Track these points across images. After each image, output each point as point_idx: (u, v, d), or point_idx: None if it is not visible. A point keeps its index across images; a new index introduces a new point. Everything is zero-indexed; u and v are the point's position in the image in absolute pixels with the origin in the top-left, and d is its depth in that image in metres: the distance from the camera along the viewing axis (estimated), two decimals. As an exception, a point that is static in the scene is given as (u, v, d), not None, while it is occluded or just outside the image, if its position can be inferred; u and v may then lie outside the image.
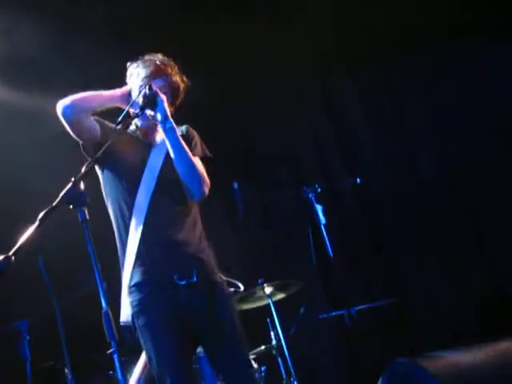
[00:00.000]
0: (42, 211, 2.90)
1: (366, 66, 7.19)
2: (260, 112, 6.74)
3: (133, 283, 3.55)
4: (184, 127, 3.88)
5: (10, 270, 2.86)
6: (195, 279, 3.52)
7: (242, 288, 4.86)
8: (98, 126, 3.52)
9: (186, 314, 3.53)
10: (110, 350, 2.81)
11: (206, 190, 3.59)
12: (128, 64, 3.84)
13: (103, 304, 2.98)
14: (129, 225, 3.63)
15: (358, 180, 5.33)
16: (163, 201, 3.66)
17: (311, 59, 7.31)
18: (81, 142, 3.53)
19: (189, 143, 3.74)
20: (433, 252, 6.72)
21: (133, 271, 3.58)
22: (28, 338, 5.16)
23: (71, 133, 3.53)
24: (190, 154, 3.58)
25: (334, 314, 5.55)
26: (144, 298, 3.53)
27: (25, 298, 5.75)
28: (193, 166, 3.51)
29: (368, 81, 7.27)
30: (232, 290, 4.26)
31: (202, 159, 3.78)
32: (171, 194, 3.69)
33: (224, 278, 3.74)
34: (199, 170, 3.57)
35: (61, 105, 3.50)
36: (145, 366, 4.60)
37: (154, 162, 3.71)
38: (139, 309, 3.52)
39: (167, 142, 3.60)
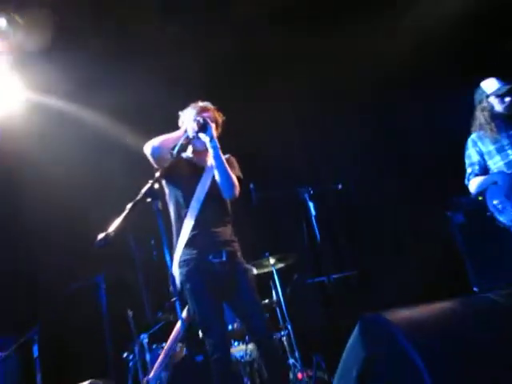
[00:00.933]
0: (129, 203, 3.19)
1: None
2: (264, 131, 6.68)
3: (182, 259, 3.71)
4: (227, 155, 4.01)
5: (109, 244, 3.06)
6: (224, 259, 3.71)
7: (254, 271, 5.01)
8: (167, 159, 3.66)
9: (217, 281, 3.67)
10: (174, 299, 3.20)
11: (237, 192, 3.76)
12: (179, 113, 4.04)
13: (171, 268, 3.40)
14: (183, 221, 3.77)
15: (340, 185, 5.27)
16: (208, 208, 3.80)
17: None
18: (155, 166, 3.67)
19: (229, 165, 3.87)
20: (388, 235, 6.58)
21: (183, 251, 3.73)
22: (104, 287, 5.24)
23: (152, 162, 3.74)
24: (227, 165, 3.69)
25: (317, 279, 5.66)
26: (190, 270, 3.68)
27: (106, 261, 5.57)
28: (228, 174, 3.70)
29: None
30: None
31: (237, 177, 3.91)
32: (214, 204, 3.83)
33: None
34: (232, 178, 3.70)
35: (149, 146, 3.72)
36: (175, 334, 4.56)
37: (205, 181, 3.86)
38: (186, 277, 3.68)
39: (212, 155, 3.72)
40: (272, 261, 5.29)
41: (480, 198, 4.91)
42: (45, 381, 5.22)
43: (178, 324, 4.31)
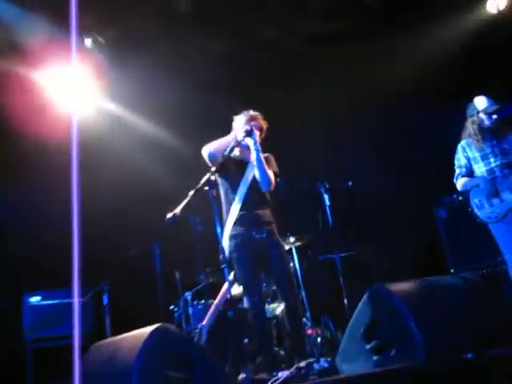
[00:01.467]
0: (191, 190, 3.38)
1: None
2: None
3: (231, 234, 3.82)
4: (267, 154, 4.10)
5: (176, 222, 3.29)
6: (264, 235, 3.83)
7: (286, 247, 4.99)
8: (220, 159, 3.75)
9: (258, 252, 3.79)
10: (224, 265, 3.33)
11: (272, 187, 3.85)
12: (234, 117, 4.11)
13: (221, 241, 3.55)
14: (232, 205, 3.90)
15: (350, 183, 5.33)
16: (251, 195, 3.92)
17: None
18: (210, 164, 3.77)
19: (268, 162, 3.98)
20: (386, 224, 6.44)
21: (232, 228, 3.85)
22: (159, 253, 5.36)
23: (207, 162, 3.86)
24: (265, 164, 3.80)
25: (327, 256, 5.55)
26: (237, 243, 3.80)
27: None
28: (265, 172, 3.81)
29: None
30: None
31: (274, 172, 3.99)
32: (256, 193, 3.93)
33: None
34: (268, 175, 3.82)
35: (206, 150, 3.87)
36: (223, 293, 4.68)
37: (248, 174, 4.00)
38: (234, 248, 3.81)
39: (254, 156, 3.83)
40: (292, 239, 5.21)
41: (460, 199, 4.96)
42: (112, 323, 5.32)
43: (226, 285, 4.38)
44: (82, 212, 3.42)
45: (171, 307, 5.45)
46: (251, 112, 4.07)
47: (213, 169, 3.54)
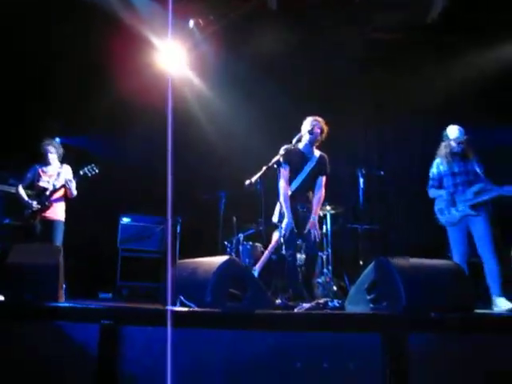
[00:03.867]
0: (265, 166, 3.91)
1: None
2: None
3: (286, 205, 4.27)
4: (323, 154, 4.49)
5: (252, 188, 3.79)
6: (305, 209, 4.33)
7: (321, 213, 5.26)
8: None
9: (299, 220, 4.27)
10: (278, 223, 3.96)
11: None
12: (304, 119, 4.47)
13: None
14: (291, 185, 4.34)
15: (382, 172, 5.70)
16: (304, 182, 4.37)
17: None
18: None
19: (322, 163, 4.43)
20: (406, 207, 6.69)
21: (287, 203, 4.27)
22: (224, 201, 5.92)
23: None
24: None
25: (353, 225, 5.87)
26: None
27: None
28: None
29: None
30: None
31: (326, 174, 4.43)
32: (308, 181, 4.38)
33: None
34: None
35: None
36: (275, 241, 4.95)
37: (307, 166, 4.39)
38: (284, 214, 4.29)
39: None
40: (328, 208, 5.57)
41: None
42: (181, 247, 6.01)
43: (276, 236, 4.86)
44: (175, 158, 3.98)
45: (226, 243, 5.98)
46: (317, 117, 4.43)
47: (281, 152, 4.00)
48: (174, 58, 6.54)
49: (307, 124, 4.39)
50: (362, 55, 6.47)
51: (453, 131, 4.63)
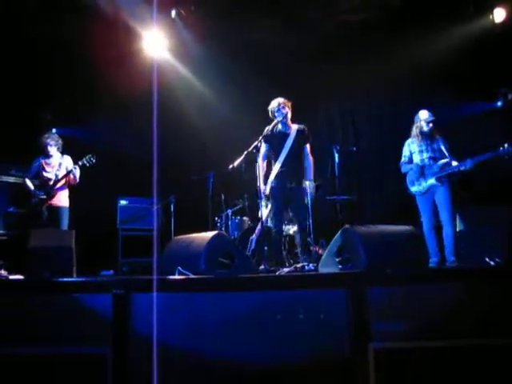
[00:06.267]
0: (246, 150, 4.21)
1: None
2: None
3: (273, 181, 4.63)
4: (302, 125, 4.76)
5: (234, 170, 4.13)
6: (293, 185, 4.60)
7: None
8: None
9: (286, 196, 4.59)
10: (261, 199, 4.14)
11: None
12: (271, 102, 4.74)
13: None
14: (275, 164, 4.66)
15: (354, 148, 6.07)
16: (288, 155, 4.62)
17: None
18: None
19: (304, 133, 4.67)
20: (379, 180, 6.99)
21: (274, 177, 4.62)
22: (212, 180, 6.20)
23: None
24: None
25: (331, 197, 6.16)
26: (274, 186, 4.61)
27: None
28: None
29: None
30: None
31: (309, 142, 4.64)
32: (291, 153, 4.61)
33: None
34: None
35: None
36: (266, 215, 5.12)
37: (287, 142, 4.67)
38: (273, 191, 4.64)
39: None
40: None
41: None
42: (176, 225, 6.37)
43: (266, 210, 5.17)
44: (160, 142, 4.28)
45: (216, 219, 6.48)
46: (277, 98, 4.71)
47: (261, 138, 4.32)
48: (158, 46, 6.85)
49: (273, 107, 4.75)
50: (334, 36, 6.81)
51: (423, 114, 5.15)
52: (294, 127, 4.75)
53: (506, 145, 4.62)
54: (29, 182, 5.55)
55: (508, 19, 6.32)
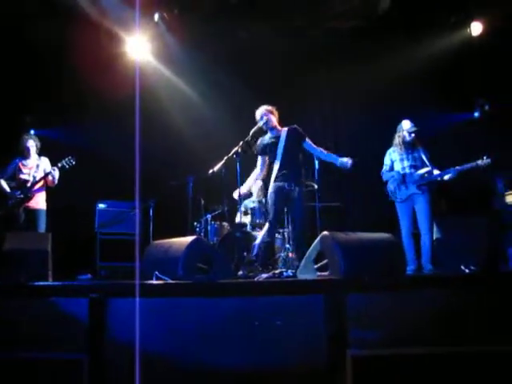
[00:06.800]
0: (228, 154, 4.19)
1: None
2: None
3: (272, 183, 4.57)
4: (294, 125, 4.75)
5: (214, 175, 4.11)
6: (292, 187, 4.52)
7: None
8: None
9: (285, 199, 4.54)
10: (240, 204, 4.08)
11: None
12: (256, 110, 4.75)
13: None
14: (273, 165, 4.62)
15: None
16: (283, 158, 4.57)
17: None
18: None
19: (297, 132, 4.65)
20: (364, 188, 6.83)
21: (274, 179, 4.55)
22: (192, 185, 6.08)
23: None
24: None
25: (311, 204, 5.70)
26: (274, 188, 4.56)
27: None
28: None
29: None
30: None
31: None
32: (287, 155, 4.57)
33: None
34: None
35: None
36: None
37: (280, 146, 4.64)
38: (271, 190, 4.56)
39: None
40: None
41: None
42: (155, 229, 6.35)
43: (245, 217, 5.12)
44: (141, 145, 4.27)
45: (195, 224, 6.34)
46: (263, 106, 4.76)
47: (241, 143, 4.33)
48: (141, 49, 6.86)
49: (258, 115, 4.77)
50: (321, 44, 6.91)
51: (406, 124, 5.26)
52: (284, 129, 4.77)
53: (484, 157, 4.78)
54: (4, 184, 5.46)
55: (484, 33, 6.50)
